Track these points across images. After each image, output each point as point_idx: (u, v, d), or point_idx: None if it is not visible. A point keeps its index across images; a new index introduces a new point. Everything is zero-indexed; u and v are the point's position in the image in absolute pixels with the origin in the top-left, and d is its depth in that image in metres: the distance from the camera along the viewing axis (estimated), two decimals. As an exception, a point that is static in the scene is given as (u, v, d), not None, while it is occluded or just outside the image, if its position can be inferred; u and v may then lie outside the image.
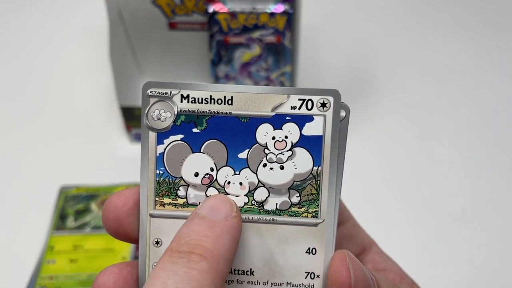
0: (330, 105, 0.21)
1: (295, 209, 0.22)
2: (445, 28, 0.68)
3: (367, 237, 0.28)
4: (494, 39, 0.66)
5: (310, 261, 0.22)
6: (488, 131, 0.57)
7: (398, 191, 0.53)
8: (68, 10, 0.69)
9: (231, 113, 0.22)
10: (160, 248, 0.22)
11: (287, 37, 0.51)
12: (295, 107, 0.21)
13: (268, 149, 0.22)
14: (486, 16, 0.69)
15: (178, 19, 0.52)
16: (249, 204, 0.22)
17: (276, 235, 0.22)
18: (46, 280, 0.45)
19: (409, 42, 0.66)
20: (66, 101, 0.61)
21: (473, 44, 0.66)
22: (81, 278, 0.45)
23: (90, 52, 0.64)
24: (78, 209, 0.50)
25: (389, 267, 0.27)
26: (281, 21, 0.50)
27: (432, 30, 0.67)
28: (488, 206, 0.51)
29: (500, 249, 0.49)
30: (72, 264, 0.46)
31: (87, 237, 0.48)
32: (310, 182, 0.22)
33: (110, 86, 0.57)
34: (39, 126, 0.59)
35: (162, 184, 0.22)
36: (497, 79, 0.62)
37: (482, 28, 0.67)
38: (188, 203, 0.22)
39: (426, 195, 0.52)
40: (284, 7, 0.49)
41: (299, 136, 0.22)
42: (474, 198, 0.52)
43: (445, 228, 0.50)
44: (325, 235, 0.22)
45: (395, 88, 0.61)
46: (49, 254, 0.47)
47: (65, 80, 0.63)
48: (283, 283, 0.22)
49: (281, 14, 0.49)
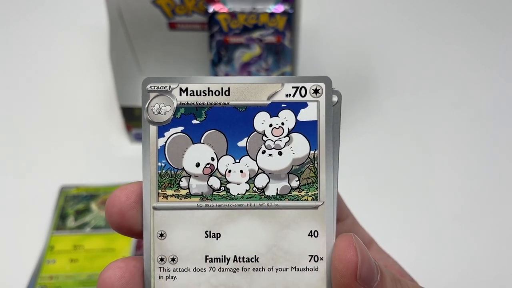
0: (323, 91, 0.22)
1: (295, 193, 0.22)
2: (444, 28, 0.68)
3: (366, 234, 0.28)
4: (494, 39, 0.66)
5: (313, 244, 0.22)
6: (488, 130, 0.57)
7: (397, 190, 0.53)
8: (68, 10, 0.69)
9: (228, 104, 0.22)
10: (164, 240, 0.22)
11: (287, 37, 0.51)
12: (289, 95, 0.22)
13: (266, 136, 0.22)
14: (486, 16, 0.69)
15: (178, 19, 0.52)
16: (250, 191, 0.22)
17: (278, 220, 0.22)
18: (46, 280, 0.45)
19: (409, 42, 0.66)
20: (66, 101, 0.61)
21: (473, 44, 0.66)
22: (81, 278, 0.45)
23: (90, 52, 0.64)
24: (78, 209, 0.50)
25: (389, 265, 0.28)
26: (281, 21, 0.50)
27: (431, 30, 0.67)
28: (488, 205, 0.51)
29: (499, 248, 0.49)
30: (72, 264, 0.46)
31: (87, 237, 0.48)
32: (308, 165, 0.22)
33: (110, 86, 0.57)
34: (39, 126, 0.59)
35: (164, 176, 0.22)
36: (496, 79, 0.62)
37: (482, 28, 0.67)
38: (190, 194, 0.22)
39: (425, 194, 0.52)
40: (284, 7, 0.49)
41: (294, 122, 0.22)
42: (474, 197, 0.52)
43: (444, 227, 0.50)
44: (326, 217, 0.22)
45: (395, 88, 0.61)
46: (49, 254, 0.47)
47: (65, 80, 0.63)
48: (287, 268, 0.22)
49: (281, 14, 0.49)
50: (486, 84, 0.62)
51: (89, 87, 0.61)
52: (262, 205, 0.22)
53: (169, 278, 0.22)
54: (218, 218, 0.22)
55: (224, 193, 0.22)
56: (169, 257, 0.22)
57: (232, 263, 0.22)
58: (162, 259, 0.22)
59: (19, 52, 0.66)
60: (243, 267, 0.22)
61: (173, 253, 0.22)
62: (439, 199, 0.52)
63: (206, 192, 0.22)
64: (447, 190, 0.52)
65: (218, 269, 0.22)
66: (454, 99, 0.60)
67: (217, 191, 0.22)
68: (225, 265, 0.22)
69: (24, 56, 0.66)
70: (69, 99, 0.61)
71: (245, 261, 0.22)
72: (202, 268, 0.22)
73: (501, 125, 0.58)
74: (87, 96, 0.61)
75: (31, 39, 0.67)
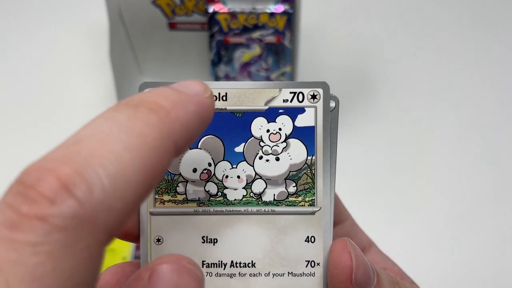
0: (320, 97, 0.22)
1: (292, 198, 0.22)
2: (444, 28, 0.68)
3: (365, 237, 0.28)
4: (494, 39, 0.66)
5: (309, 250, 0.22)
6: (487, 130, 0.57)
7: (396, 191, 0.53)
8: (68, 10, 0.69)
9: (226, 109, 0.22)
10: (161, 246, 0.22)
11: (287, 37, 0.51)
12: (287, 100, 0.22)
13: (264, 141, 0.22)
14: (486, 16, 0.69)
15: (178, 19, 0.52)
16: (247, 196, 0.22)
17: (275, 225, 0.22)
18: (46, 280, 0.45)
19: (408, 42, 0.66)
20: (66, 101, 0.61)
21: (473, 44, 0.66)
22: (81, 278, 0.45)
23: (90, 52, 0.64)
24: (78, 209, 0.50)
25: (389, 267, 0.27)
26: (281, 21, 0.50)
27: (432, 30, 0.67)
28: (487, 206, 0.51)
29: (499, 248, 0.49)
30: (72, 264, 0.46)
31: (87, 237, 0.48)
32: (305, 171, 0.22)
33: (110, 86, 0.57)
34: (39, 126, 0.59)
35: (161, 182, 0.22)
36: (496, 79, 0.62)
37: (482, 28, 0.67)
38: (187, 199, 0.22)
39: (424, 196, 0.52)
40: (284, 7, 0.49)
41: (292, 127, 0.22)
42: (473, 198, 0.52)
43: (443, 228, 0.50)
44: (323, 223, 0.22)
45: (395, 88, 0.61)
46: (49, 254, 0.47)
47: (65, 80, 0.63)
48: (284, 273, 0.22)
49: (281, 14, 0.49)
50: (486, 84, 0.62)
51: (89, 87, 0.61)
52: (259, 210, 0.22)
53: None
54: (215, 224, 0.22)
55: (221, 199, 0.22)
56: None
57: (229, 268, 0.22)
58: None
59: (19, 52, 0.66)
60: (240, 272, 0.22)
61: None
62: (438, 201, 0.52)
63: (203, 197, 0.22)
64: (446, 191, 0.52)
65: (215, 274, 0.22)
66: (454, 101, 0.60)
67: (214, 196, 0.22)
68: (222, 270, 0.22)
69: (24, 56, 0.66)
70: (69, 99, 0.61)
71: (242, 266, 0.22)
72: None
73: (501, 125, 0.58)
74: (87, 96, 0.61)
75: (31, 39, 0.67)
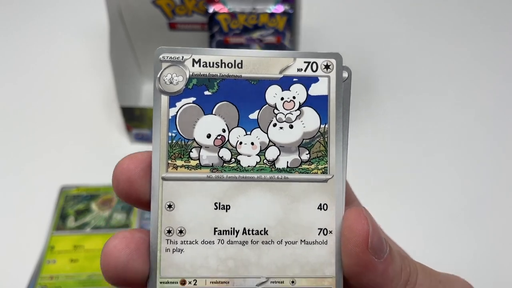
0: (333, 67, 0.22)
1: (305, 166, 0.22)
2: (445, 28, 0.68)
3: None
4: (494, 39, 0.66)
5: (322, 217, 0.22)
6: (488, 129, 0.58)
7: (398, 190, 0.53)
8: (68, 10, 0.69)
9: (241, 76, 0.22)
10: (172, 212, 0.22)
11: (287, 37, 0.51)
12: (301, 69, 0.22)
13: (278, 109, 0.22)
14: (486, 16, 0.69)
15: (178, 19, 0.52)
16: (261, 163, 0.22)
17: (288, 193, 0.22)
18: (46, 280, 0.45)
19: (408, 42, 0.66)
20: (66, 101, 0.61)
21: (473, 44, 0.66)
22: (81, 278, 0.45)
23: (90, 52, 0.64)
24: (78, 209, 0.50)
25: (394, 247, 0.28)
26: (281, 22, 0.50)
27: (432, 30, 0.67)
28: (488, 204, 0.52)
29: (500, 246, 0.49)
30: (73, 264, 0.46)
31: (87, 237, 0.48)
32: (318, 139, 0.22)
33: (110, 86, 0.57)
34: (39, 126, 0.59)
35: (174, 147, 0.22)
36: (497, 79, 0.62)
37: (482, 28, 0.67)
38: (201, 165, 0.22)
39: (426, 193, 0.52)
40: (284, 8, 0.50)
41: (306, 96, 0.22)
42: (474, 197, 0.52)
43: (444, 226, 0.50)
44: (335, 190, 0.22)
45: (395, 88, 0.61)
46: (49, 254, 0.47)
47: (65, 80, 0.63)
48: (297, 241, 0.22)
49: (281, 15, 0.49)
50: (487, 84, 0.62)
51: (89, 87, 0.61)
52: (272, 177, 0.22)
53: (176, 251, 0.22)
54: (228, 190, 0.22)
55: (235, 165, 0.22)
56: (176, 229, 0.22)
57: (241, 236, 0.22)
58: (170, 231, 0.22)
59: (19, 52, 0.66)
60: (252, 240, 0.22)
61: (181, 225, 0.22)
62: (438, 200, 0.52)
63: (217, 163, 0.22)
64: (448, 189, 0.52)
65: (226, 241, 0.22)
66: (455, 100, 0.60)
67: (228, 162, 0.22)
68: (234, 237, 0.22)
69: (24, 56, 0.66)
70: (69, 100, 0.61)
71: (254, 233, 0.22)
72: (211, 240, 0.22)
73: (501, 124, 0.58)
74: (87, 96, 0.61)
75: (31, 39, 0.67)
